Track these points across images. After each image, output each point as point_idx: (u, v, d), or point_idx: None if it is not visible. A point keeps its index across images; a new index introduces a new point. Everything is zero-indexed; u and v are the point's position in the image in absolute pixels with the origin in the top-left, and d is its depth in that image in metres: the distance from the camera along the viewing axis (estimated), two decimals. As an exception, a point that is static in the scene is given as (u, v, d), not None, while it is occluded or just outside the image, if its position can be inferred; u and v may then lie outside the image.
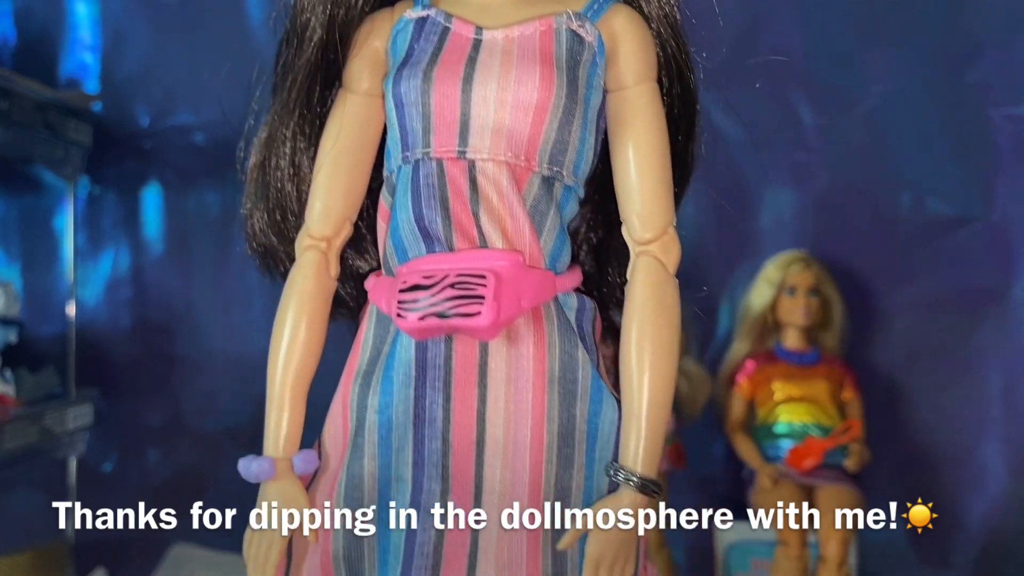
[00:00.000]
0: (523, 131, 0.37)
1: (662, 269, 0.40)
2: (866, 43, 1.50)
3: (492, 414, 0.35)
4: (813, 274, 1.45)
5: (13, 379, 1.47)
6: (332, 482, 0.37)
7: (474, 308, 0.34)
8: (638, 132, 0.42)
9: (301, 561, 0.38)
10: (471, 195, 0.37)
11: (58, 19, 1.68)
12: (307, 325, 0.39)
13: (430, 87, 0.37)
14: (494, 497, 0.35)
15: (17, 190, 1.70)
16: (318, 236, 0.39)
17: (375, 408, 0.36)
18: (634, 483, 0.36)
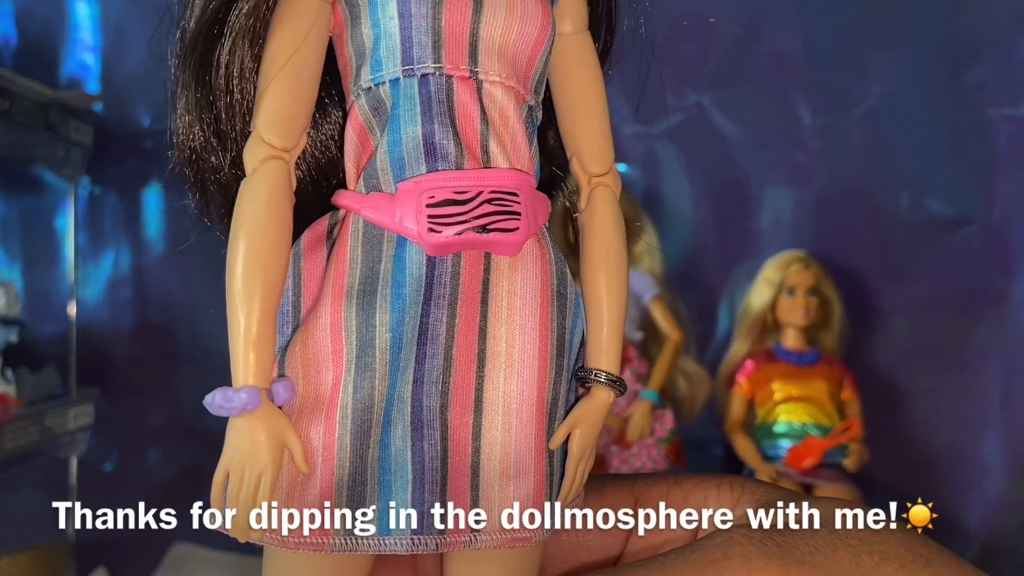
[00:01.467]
0: (523, 59, 0.37)
1: (615, 197, 0.41)
2: (865, 44, 1.50)
3: (492, 329, 0.36)
4: (812, 274, 1.45)
5: (14, 379, 1.48)
6: (327, 409, 0.35)
7: (512, 223, 0.35)
8: (583, 76, 0.42)
9: (293, 495, 0.36)
10: (480, 117, 0.36)
11: (59, 20, 1.68)
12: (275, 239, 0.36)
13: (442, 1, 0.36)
14: (497, 407, 0.36)
15: (18, 190, 1.71)
16: (280, 146, 0.36)
17: (387, 326, 0.35)
18: (611, 383, 0.38)
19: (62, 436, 1.51)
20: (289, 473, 0.37)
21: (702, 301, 1.56)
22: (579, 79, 0.43)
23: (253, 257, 0.38)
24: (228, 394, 0.38)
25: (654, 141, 1.54)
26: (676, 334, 1.42)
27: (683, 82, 1.54)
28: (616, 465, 1.39)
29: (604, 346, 0.40)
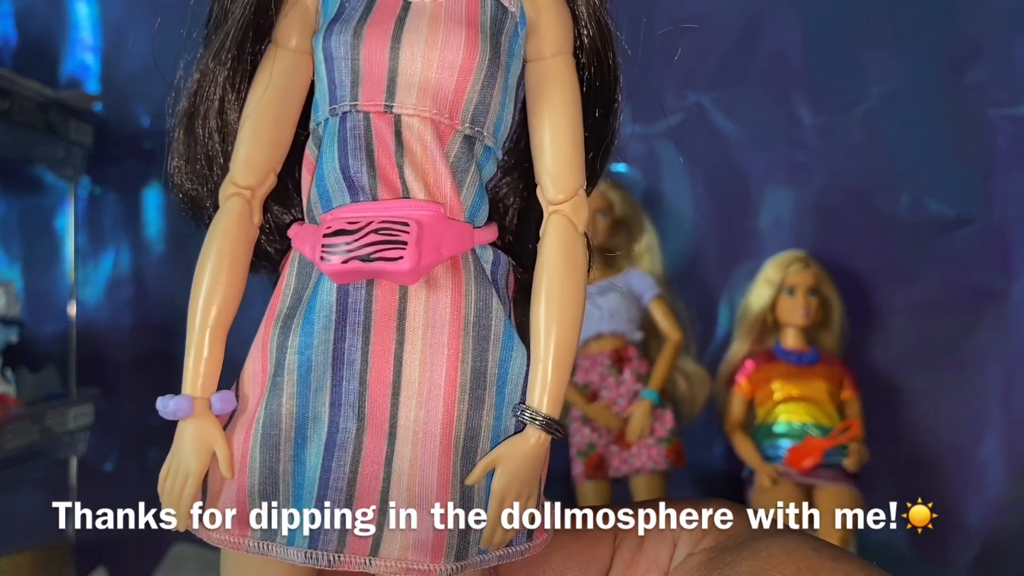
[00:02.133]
0: (448, 89, 0.39)
1: (572, 228, 0.40)
2: (865, 44, 1.50)
3: (408, 357, 0.37)
4: (812, 274, 1.46)
5: (14, 379, 1.48)
6: (249, 421, 0.38)
7: (396, 252, 0.36)
8: (553, 99, 0.41)
9: (217, 495, 0.39)
10: (396, 148, 0.39)
11: (59, 20, 1.68)
12: (228, 269, 0.39)
13: (360, 43, 0.38)
14: (408, 435, 0.37)
15: (18, 190, 1.71)
16: (242, 184, 0.40)
17: (295, 349, 0.37)
18: (539, 422, 0.38)
19: (62, 436, 1.51)
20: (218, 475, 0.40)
21: (702, 301, 1.56)
22: (549, 103, 0.42)
23: (202, 284, 0.40)
24: (167, 400, 0.40)
25: (654, 141, 1.54)
26: (676, 334, 1.42)
27: (683, 82, 1.54)
28: (616, 465, 1.40)
29: (539, 384, 0.39)
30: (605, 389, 1.42)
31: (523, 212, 0.45)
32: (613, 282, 1.45)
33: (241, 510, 0.40)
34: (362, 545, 0.38)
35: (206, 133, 0.44)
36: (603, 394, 1.42)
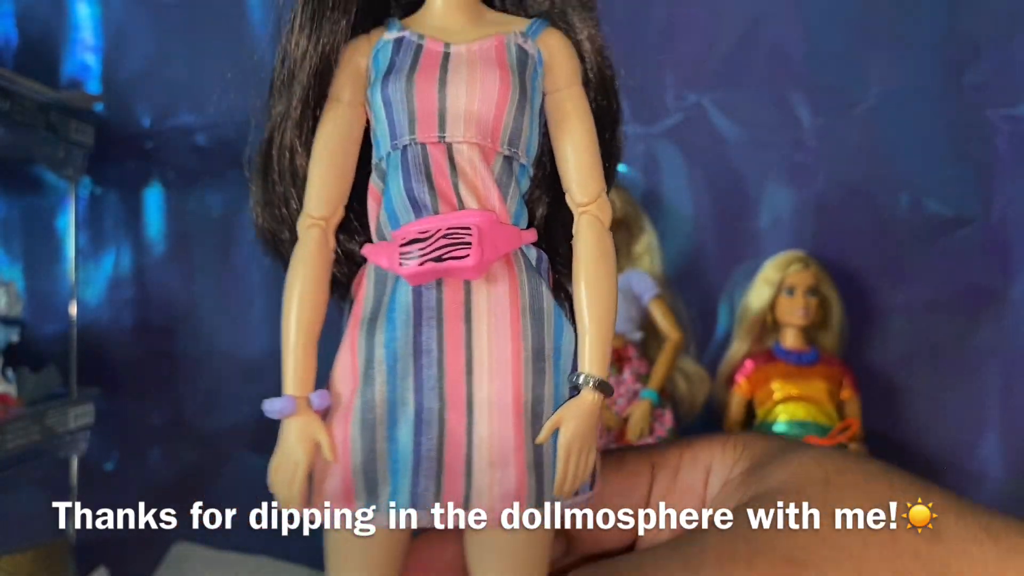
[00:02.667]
0: (488, 119, 0.47)
1: (600, 224, 0.49)
2: (865, 44, 1.50)
3: (477, 341, 0.44)
4: (812, 274, 1.46)
5: (15, 378, 1.48)
6: (347, 411, 0.45)
7: (463, 252, 0.44)
8: (571, 122, 0.50)
9: (323, 479, 0.45)
10: (450, 170, 0.46)
11: (60, 20, 1.69)
12: (314, 288, 0.47)
13: (412, 88, 0.47)
14: (483, 408, 0.44)
15: (19, 191, 1.71)
16: (317, 216, 0.48)
17: (382, 344, 0.44)
18: (592, 383, 0.46)
19: (63, 436, 1.52)
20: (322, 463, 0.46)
21: (702, 301, 1.56)
22: (567, 126, 0.50)
23: (293, 301, 0.48)
24: (273, 401, 0.47)
25: (654, 141, 1.54)
26: (676, 334, 1.43)
27: (683, 83, 1.54)
28: (616, 465, 1.41)
29: (587, 352, 0.47)
30: (605, 389, 1.43)
31: (549, 219, 0.53)
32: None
33: (346, 488, 0.46)
34: (456, 495, 0.45)
35: (281, 178, 0.51)
36: (603, 394, 1.42)
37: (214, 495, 1.64)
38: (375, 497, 0.46)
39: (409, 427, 0.45)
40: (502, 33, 0.51)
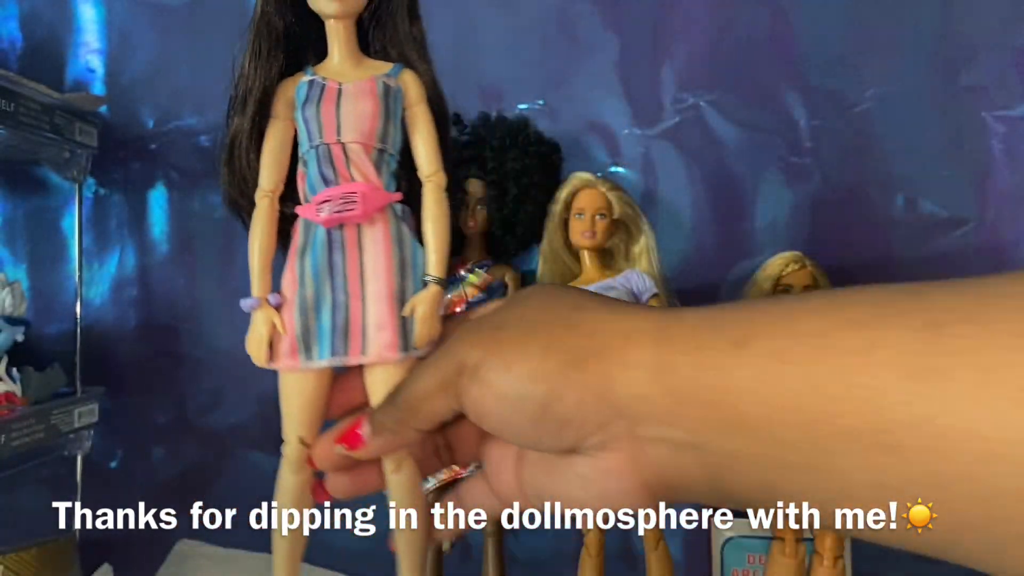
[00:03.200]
0: (365, 128, 0.78)
1: (439, 188, 0.80)
2: (861, 47, 1.51)
3: (367, 259, 0.76)
4: (808, 274, 1.46)
5: (20, 377, 1.49)
6: (290, 304, 0.75)
7: (353, 207, 0.75)
8: (419, 126, 0.81)
9: (278, 345, 0.75)
10: (345, 159, 0.77)
11: (64, 23, 1.70)
12: (268, 232, 0.78)
13: (320, 111, 0.78)
14: (372, 297, 0.75)
15: (24, 191, 1.72)
16: (268, 189, 0.79)
17: (309, 264, 0.76)
18: (432, 279, 0.77)
19: (67, 434, 1.53)
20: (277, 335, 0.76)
21: (700, 300, 1.56)
22: (416, 128, 0.82)
23: (255, 242, 0.78)
24: (246, 300, 0.77)
25: (651, 143, 1.55)
26: (674, 333, 1.44)
27: (680, 85, 1.55)
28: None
29: (431, 263, 0.78)
30: (604, 388, 1.44)
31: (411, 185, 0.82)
32: (611, 283, 1.47)
33: (292, 348, 0.75)
34: (357, 349, 0.74)
35: (241, 167, 0.81)
36: (601, 393, 1.44)
37: (217, 492, 1.66)
38: (310, 353, 0.76)
39: (328, 311, 0.76)
40: (375, 75, 0.82)
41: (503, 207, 1.48)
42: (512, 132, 1.49)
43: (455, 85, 1.61)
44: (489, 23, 1.61)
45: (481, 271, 1.52)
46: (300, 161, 0.81)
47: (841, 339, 0.43)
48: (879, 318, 0.42)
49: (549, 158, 1.52)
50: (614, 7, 1.57)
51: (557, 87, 1.58)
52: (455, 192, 1.42)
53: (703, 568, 1.51)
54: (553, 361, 0.53)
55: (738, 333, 0.47)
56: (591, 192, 1.46)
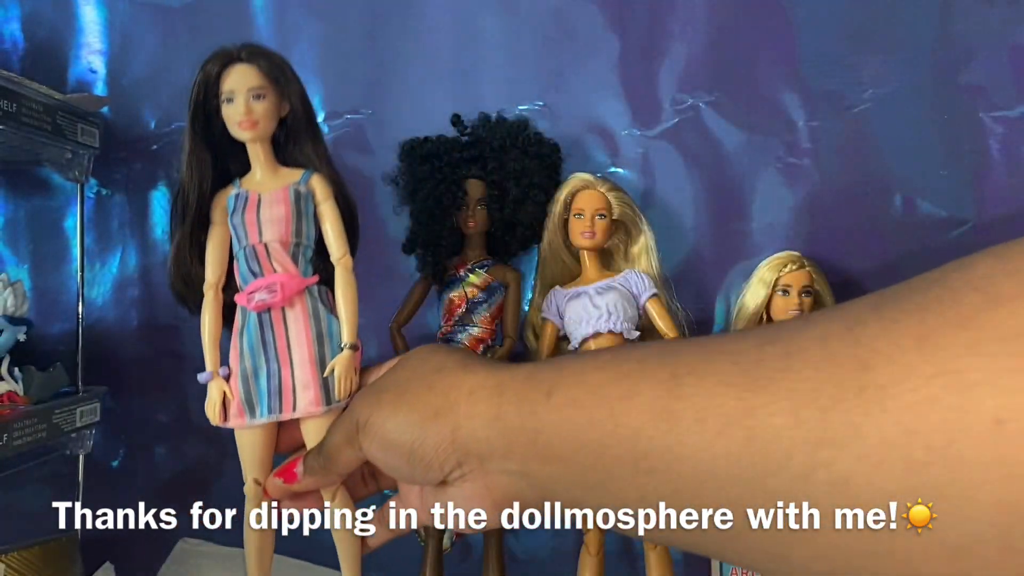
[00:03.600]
0: (282, 228, 0.98)
1: (347, 269, 1.00)
2: (859, 48, 1.52)
3: (292, 334, 0.96)
4: (806, 274, 1.47)
5: (22, 377, 1.50)
6: (235, 375, 0.97)
7: (276, 294, 0.95)
8: (327, 220, 1.02)
9: (229, 408, 0.96)
10: (267, 255, 0.97)
11: (66, 24, 1.71)
12: (214, 317, 1.01)
13: (244, 218, 0.98)
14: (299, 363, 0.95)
15: (26, 192, 1.73)
16: (212, 282, 1.01)
17: (247, 341, 0.97)
18: (347, 345, 0.96)
19: (69, 433, 1.53)
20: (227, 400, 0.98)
21: (698, 300, 1.58)
22: (326, 221, 1.03)
23: (206, 326, 1.02)
24: (201, 374, 1.00)
25: (650, 144, 1.56)
26: (673, 333, 1.44)
27: (679, 86, 1.56)
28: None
29: (345, 330, 0.98)
30: (603, 387, 1.44)
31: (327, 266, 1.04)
32: (611, 283, 1.47)
33: (239, 410, 0.97)
34: (289, 407, 0.95)
35: (184, 266, 1.03)
36: (601, 392, 1.44)
37: (218, 491, 1.66)
38: (253, 413, 0.97)
39: (264, 378, 0.97)
40: (288, 184, 1.02)
41: (503, 207, 1.48)
42: (512, 133, 1.50)
43: (455, 86, 1.62)
44: (489, 23, 1.61)
45: (481, 271, 1.52)
46: (235, 258, 1.03)
47: (614, 389, 0.58)
48: (640, 372, 0.57)
49: (549, 159, 1.52)
50: (614, 8, 1.58)
51: (556, 88, 1.59)
52: (455, 192, 1.43)
53: (703, 567, 1.51)
54: (416, 415, 0.71)
55: (549, 386, 0.63)
56: (590, 192, 1.47)
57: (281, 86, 1.05)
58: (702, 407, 0.52)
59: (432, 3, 1.63)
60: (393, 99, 1.63)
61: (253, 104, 1.02)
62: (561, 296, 1.48)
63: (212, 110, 1.01)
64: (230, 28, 1.65)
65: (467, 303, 1.51)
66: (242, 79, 1.01)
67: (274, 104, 1.04)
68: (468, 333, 1.54)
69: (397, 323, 1.51)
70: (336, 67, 1.65)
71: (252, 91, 1.02)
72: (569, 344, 1.48)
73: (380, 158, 1.57)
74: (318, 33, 1.65)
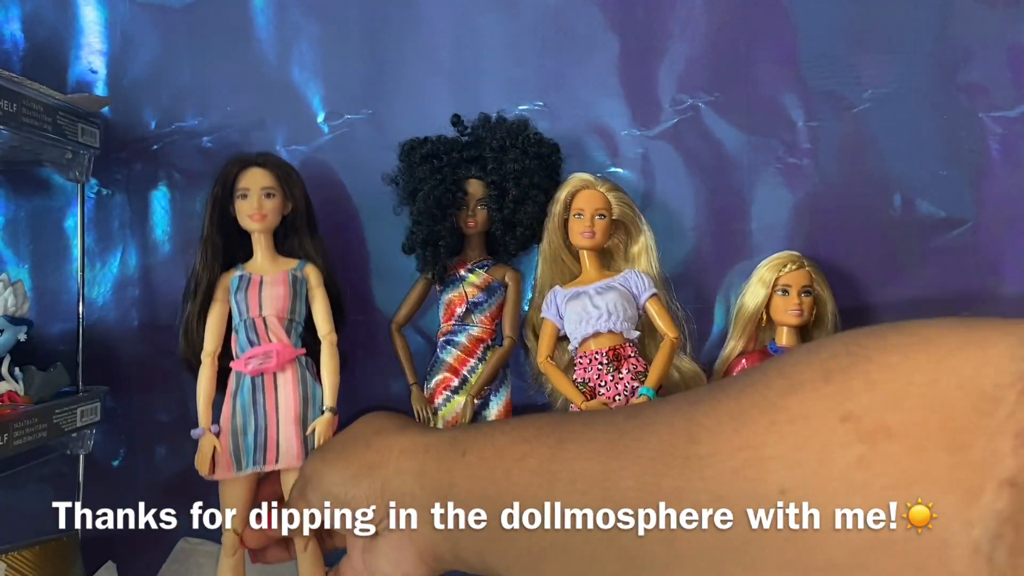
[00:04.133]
0: (281, 305, 1.19)
1: (331, 344, 1.21)
2: (858, 48, 1.52)
3: (280, 397, 1.14)
4: (806, 274, 1.48)
5: (22, 377, 1.50)
6: (226, 432, 1.13)
7: (271, 361, 1.15)
8: (317, 301, 1.24)
9: (218, 461, 1.13)
10: (264, 327, 1.16)
11: (66, 24, 1.71)
12: (210, 382, 1.22)
13: (247, 296, 1.19)
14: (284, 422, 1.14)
15: (26, 192, 1.73)
16: (210, 351, 1.22)
17: (239, 402, 1.14)
18: (329, 409, 1.16)
19: (70, 433, 1.53)
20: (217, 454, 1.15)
21: (698, 300, 1.59)
22: (315, 302, 1.23)
23: (202, 389, 1.22)
24: (194, 430, 1.17)
25: (650, 144, 1.56)
26: (672, 333, 1.44)
27: (679, 86, 1.56)
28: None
29: (327, 394, 1.18)
30: (603, 387, 1.44)
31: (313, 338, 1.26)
32: (610, 283, 1.48)
33: (227, 463, 1.13)
34: (273, 459, 1.13)
35: (192, 337, 1.26)
36: (601, 391, 1.44)
37: (218, 491, 1.66)
38: (240, 465, 1.13)
39: (252, 434, 1.14)
40: (287, 269, 1.23)
41: (503, 207, 1.49)
42: (512, 133, 1.50)
43: (454, 86, 1.63)
44: (489, 23, 1.62)
45: (481, 271, 1.52)
46: (234, 330, 1.23)
47: (513, 451, 0.66)
48: (535, 437, 0.65)
49: (549, 159, 1.52)
50: (614, 8, 1.58)
51: (556, 88, 1.59)
52: (456, 192, 1.44)
53: (701, 566, 1.51)
54: (352, 469, 0.79)
55: (465, 446, 0.71)
56: (590, 192, 1.47)
57: (288, 188, 1.28)
58: (574, 469, 0.60)
59: (432, 3, 1.63)
60: (392, 99, 1.64)
61: (264, 201, 1.25)
62: (561, 296, 1.49)
63: (227, 203, 1.28)
64: (230, 28, 1.66)
65: (467, 303, 1.51)
66: (256, 179, 1.27)
67: (281, 202, 1.27)
68: (468, 333, 1.54)
69: (396, 323, 1.51)
70: (336, 67, 1.65)
71: (264, 190, 1.26)
72: (569, 344, 1.48)
73: (380, 158, 1.57)
74: (318, 33, 1.65)
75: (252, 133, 1.65)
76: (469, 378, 1.50)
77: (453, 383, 1.49)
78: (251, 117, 1.65)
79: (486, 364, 1.50)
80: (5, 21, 1.72)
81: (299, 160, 1.64)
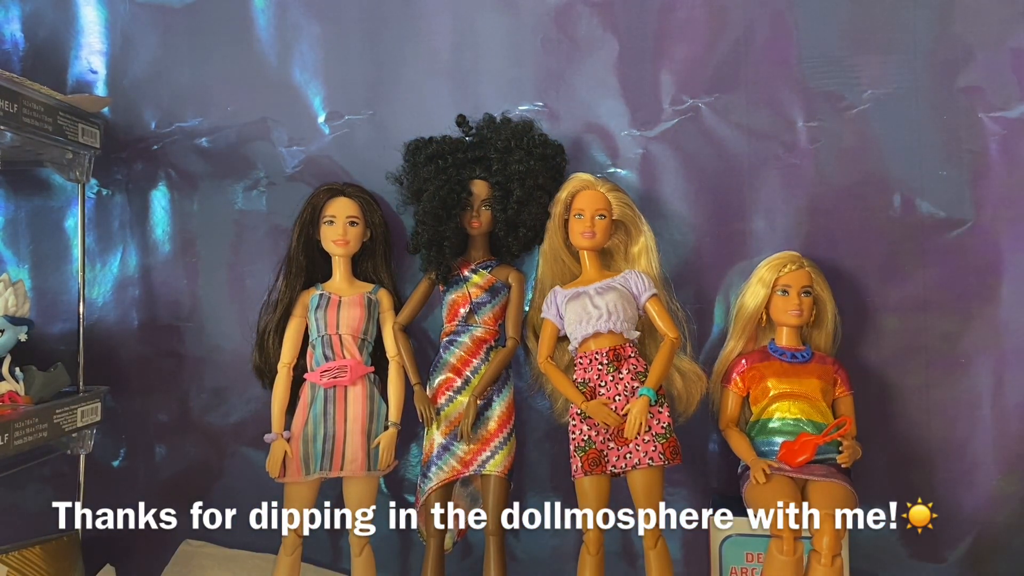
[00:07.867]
0: (355, 327, 1.39)
1: (399, 365, 1.47)
2: (858, 49, 1.52)
3: (350, 408, 1.36)
4: (805, 274, 1.48)
5: (23, 377, 1.50)
6: (297, 437, 1.33)
7: (345, 375, 1.35)
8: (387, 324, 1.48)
9: (289, 464, 1.33)
10: (339, 344, 1.36)
11: (67, 25, 1.71)
12: (284, 390, 1.41)
13: (326, 315, 1.38)
14: (351, 433, 1.38)
15: (27, 192, 1.73)
16: (287, 362, 1.40)
17: (313, 412, 1.34)
18: (393, 424, 1.38)
19: (70, 432, 1.53)
20: (288, 457, 1.41)
21: (698, 300, 1.59)
22: (384, 326, 1.50)
23: (277, 397, 1.45)
24: (268, 435, 1.42)
25: (651, 144, 1.56)
26: (672, 333, 1.44)
27: (679, 87, 1.56)
28: (614, 461, 1.42)
29: (392, 410, 1.47)
30: (603, 387, 1.44)
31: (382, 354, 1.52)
32: (611, 283, 1.48)
33: (297, 467, 1.40)
34: (338, 466, 1.40)
35: (267, 348, 1.49)
36: (601, 391, 1.44)
37: (218, 491, 1.66)
38: (308, 469, 1.41)
39: (320, 441, 1.41)
40: (363, 292, 1.48)
41: (507, 208, 1.49)
42: (517, 134, 1.50)
43: (455, 87, 1.63)
44: (489, 24, 1.62)
45: (485, 271, 1.53)
46: (310, 344, 1.47)
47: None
48: None
49: (553, 160, 1.52)
50: (613, 10, 1.58)
51: (556, 89, 1.59)
52: (460, 193, 1.50)
53: (703, 567, 1.51)
54: None
55: None
56: (590, 193, 1.47)
57: (369, 217, 1.53)
58: None
59: (432, 4, 1.64)
60: (393, 100, 1.64)
61: (348, 228, 1.50)
62: (561, 296, 1.49)
63: (313, 227, 1.52)
64: (231, 29, 1.66)
65: (470, 304, 1.51)
66: (343, 208, 1.51)
67: (362, 230, 1.52)
68: (471, 334, 1.55)
69: (399, 322, 1.52)
70: (337, 68, 1.65)
71: (349, 218, 1.50)
72: (569, 344, 1.48)
73: (380, 158, 1.57)
74: (318, 34, 1.65)
75: (250, 133, 1.65)
76: (472, 379, 1.50)
77: (456, 383, 1.49)
78: (252, 117, 1.65)
79: (489, 365, 1.50)
80: (5, 21, 1.73)
81: (300, 160, 1.64)
